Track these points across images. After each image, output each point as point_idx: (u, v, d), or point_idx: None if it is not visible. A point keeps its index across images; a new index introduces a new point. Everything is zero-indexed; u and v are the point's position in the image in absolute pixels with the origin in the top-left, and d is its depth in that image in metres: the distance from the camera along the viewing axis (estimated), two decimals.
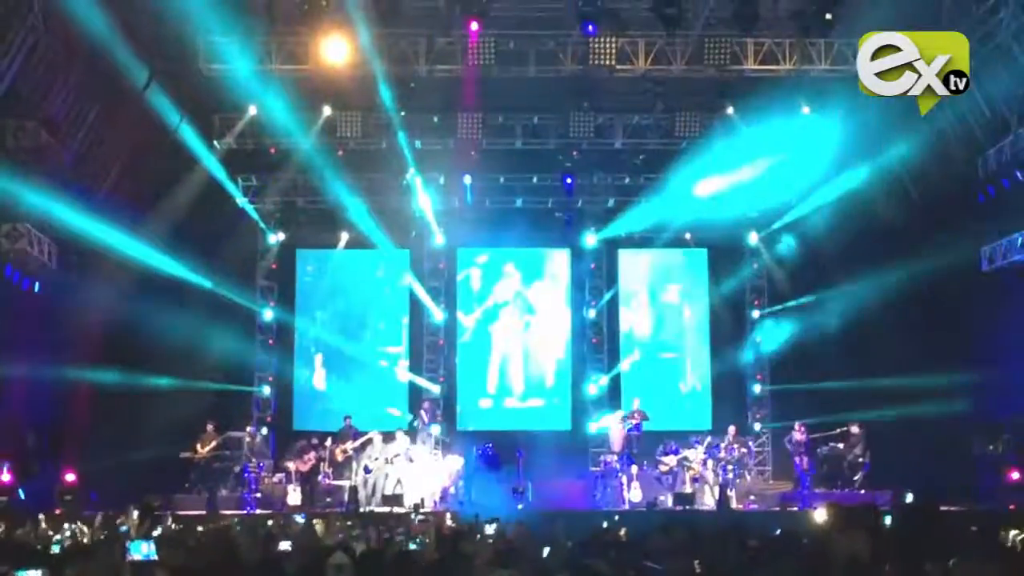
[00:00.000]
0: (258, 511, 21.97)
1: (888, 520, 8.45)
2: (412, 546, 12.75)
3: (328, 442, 23.86)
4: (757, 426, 26.87)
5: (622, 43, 21.25)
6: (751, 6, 20.39)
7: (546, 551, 10.47)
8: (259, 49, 21.13)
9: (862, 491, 22.76)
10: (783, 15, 21.38)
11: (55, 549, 12.58)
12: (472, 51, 20.82)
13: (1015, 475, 21.02)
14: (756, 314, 27.56)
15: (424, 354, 27.24)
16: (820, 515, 12.24)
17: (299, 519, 18.09)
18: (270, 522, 17.64)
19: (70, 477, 21.10)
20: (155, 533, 14.63)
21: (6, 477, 19.87)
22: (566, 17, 21.33)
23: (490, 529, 14.50)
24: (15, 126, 19.52)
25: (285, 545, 11.74)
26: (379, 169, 25.26)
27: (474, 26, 20.57)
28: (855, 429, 23.59)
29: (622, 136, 24.69)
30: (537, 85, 22.95)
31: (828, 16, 20.23)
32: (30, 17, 18.92)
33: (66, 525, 15.76)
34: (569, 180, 25.90)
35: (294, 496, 22.78)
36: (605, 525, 16.15)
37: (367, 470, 23.12)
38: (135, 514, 16.54)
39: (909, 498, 20.07)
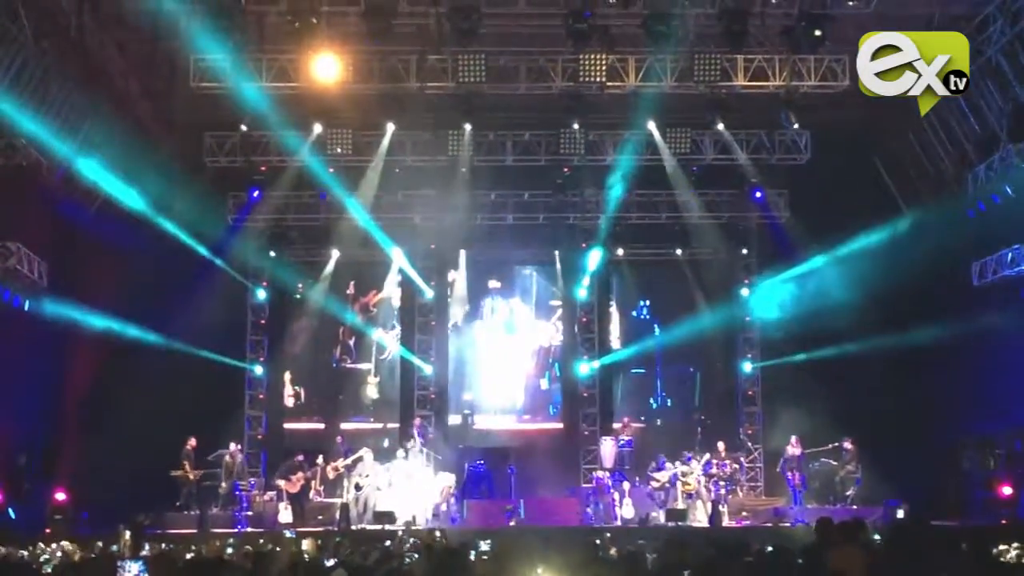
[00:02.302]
0: (249, 529, 21.90)
1: (877, 536, 8.46)
2: (407, 560, 12.73)
3: (319, 460, 23.84)
4: (749, 443, 26.79)
5: (612, 60, 21.31)
6: (740, 23, 20.42)
7: (540, 569, 10.41)
8: (250, 67, 21.14)
9: (854, 506, 22.71)
10: (772, 32, 21.44)
11: (47, 570, 12.53)
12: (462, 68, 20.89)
13: (1007, 490, 21.01)
14: (747, 330, 27.51)
15: (414, 371, 27.17)
16: (811, 531, 12.23)
17: (289, 536, 18.08)
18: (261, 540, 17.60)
19: (60, 496, 20.98)
20: (145, 552, 14.59)
21: None
22: (556, 34, 21.36)
23: (484, 546, 14.47)
24: (4, 144, 19.50)
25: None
26: (370, 186, 25.25)
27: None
28: (848, 445, 23.55)
29: (612, 152, 24.72)
30: (528, 102, 23.01)
31: (817, 32, 20.28)
32: (20, 36, 18.93)
33: (54, 545, 15.68)
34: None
35: (285, 514, 22.71)
36: (598, 542, 16.11)
37: (358, 488, 23.05)
38: (127, 534, 16.51)
39: (900, 514, 20.13)
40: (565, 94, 22.26)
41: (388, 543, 16.68)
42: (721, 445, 24.57)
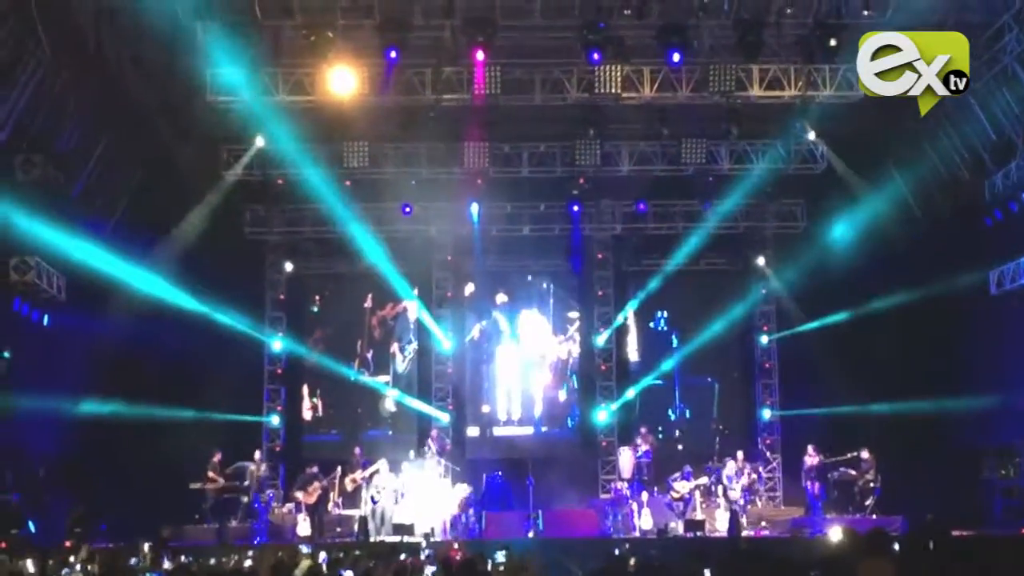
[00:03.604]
0: (268, 542, 21.91)
1: (896, 546, 8.42)
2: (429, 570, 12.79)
3: (337, 471, 23.86)
4: (767, 452, 26.70)
5: (627, 71, 21.34)
6: (755, 33, 20.46)
7: None
8: (266, 80, 21.26)
9: (874, 516, 22.63)
10: (787, 42, 21.45)
11: None
12: (479, 80, 20.93)
13: None
14: (765, 339, 27.41)
15: (432, 382, 27.18)
16: (836, 534, 12.15)
17: (305, 549, 18.07)
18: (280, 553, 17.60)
19: (80, 509, 21.02)
20: (165, 566, 14.63)
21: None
22: (572, 45, 21.40)
23: (500, 556, 14.47)
24: (23, 159, 19.61)
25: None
26: (386, 199, 25.34)
27: (480, 55, 20.69)
28: (865, 454, 23.45)
29: (628, 163, 24.72)
30: (543, 113, 23.04)
31: (833, 42, 20.29)
32: (37, 51, 19.04)
33: (72, 558, 15.71)
34: (576, 208, 26.02)
35: (303, 526, 22.74)
36: (617, 553, 16.09)
37: (374, 500, 23.06)
38: (146, 547, 16.56)
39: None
40: (580, 105, 22.30)
41: (404, 555, 16.69)
42: (740, 455, 24.52)
